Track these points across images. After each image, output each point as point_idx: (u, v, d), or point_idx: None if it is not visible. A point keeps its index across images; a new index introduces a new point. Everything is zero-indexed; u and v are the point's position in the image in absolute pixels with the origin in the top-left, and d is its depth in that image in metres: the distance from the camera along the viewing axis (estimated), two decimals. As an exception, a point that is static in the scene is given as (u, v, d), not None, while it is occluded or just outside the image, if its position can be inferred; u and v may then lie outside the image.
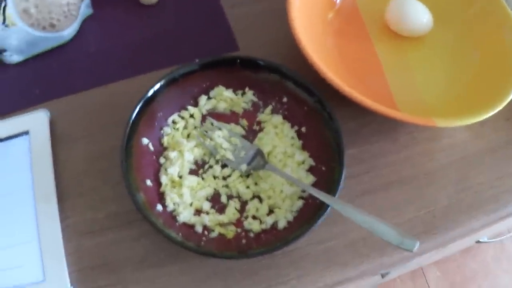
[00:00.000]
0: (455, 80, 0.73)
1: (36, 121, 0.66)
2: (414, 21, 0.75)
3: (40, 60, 0.72)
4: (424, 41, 0.77)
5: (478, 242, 1.49)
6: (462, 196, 0.67)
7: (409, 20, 0.74)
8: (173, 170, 0.63)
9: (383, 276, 1.27)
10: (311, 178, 0.64)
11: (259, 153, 0.64)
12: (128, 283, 0.59)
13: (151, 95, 0.64)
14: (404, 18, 0.75)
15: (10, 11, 0.66)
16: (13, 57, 0.70)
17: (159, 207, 0.60)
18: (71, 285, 0.58)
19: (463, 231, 0.66)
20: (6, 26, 0.66)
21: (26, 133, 0.65)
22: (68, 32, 0.72)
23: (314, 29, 0.72)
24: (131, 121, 0.61)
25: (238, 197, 0.63)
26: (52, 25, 0.69)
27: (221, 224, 0.61)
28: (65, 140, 0.67)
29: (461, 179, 0.69)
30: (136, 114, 0.62)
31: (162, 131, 0.66)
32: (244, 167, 0.64)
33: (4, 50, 0.69)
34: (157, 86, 0.64)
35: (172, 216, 0.61)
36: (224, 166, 0.65)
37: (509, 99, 0.65)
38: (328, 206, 0.57)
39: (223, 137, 0.66)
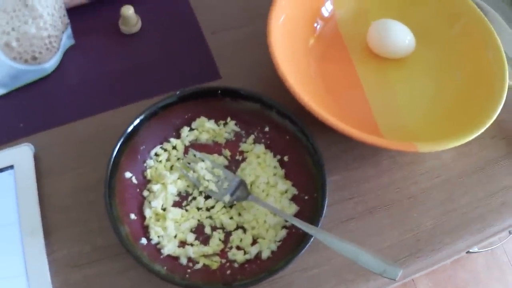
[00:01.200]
0: (437, 101, 0.73)
1: (21, 155, 0.66)
2: (396, 43, 0.75)
3: (23, 93, 0.72)
4: (406, 62, 0.77)
5: (468, 252, 1.50)
6: (446, 218, 0.68)
7: (391, 42, 0.74)
8: (156, 203, 0.63)
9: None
10: (294, 207, 0.64)
11: (242, 183, 0.65)
12: (114, 316, 0.59)
13: (132, 130, 0.64)
14: (386, 40, 0.75)
15: (-9, 45, 0.66)
16: (-4, 91, 0.71)
17: (144, 240, 0.61)
18: (59, 319, 0.58)
19: (448, 253, 0.67)
20: (-12, 60, 0.67)
21: (11, 167, 0.65)
22: (50, 64, 0.72)
23: (296, 55, 0.72)
24: (112, 158, 0.61)
25: (222, 228, 0.64)
26: (34, 58, 0.69)
27: (206, 256, 0.62)
28: (50, 173, 0.67)
29: (446, 200, 0.69)
30: (118, 149, 0.62)
31: (145, 164, 0.66)
32: (227, 198, 0.64)
33: (-13, 84, 0.69)
34: (137, 121, 0.64)
35: (156, 249, 0.61)
36: (207, 197, 0.65)
37: (492, 120, 0.66)
38: (311, 235, 0.58)
39: (206, 169, 0.66)
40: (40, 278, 0.60)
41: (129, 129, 0.64)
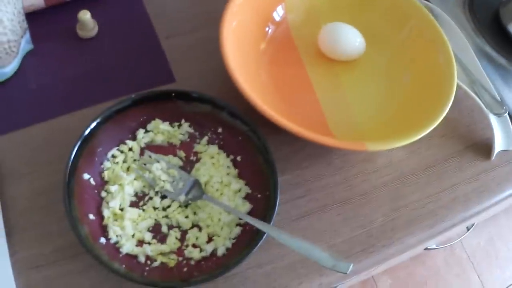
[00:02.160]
0: (387, 102, 0.75)
1: (-21, 160, 0.67)
2: (346, 45, 0.77)
3: (-19, 97, 0.73)
4: (357, 64, 0.79)
5: (427, 249, 1.51)
6: (398, 214, 0.70)
7: (341, 45, 0.76)
8: (114, 204, 0.64)
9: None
10: (247, 206, 0.66)
11: (196, 183, 0.66)
12: (75, 315, 0.61)
13: (89, 133, 0.65)
14: (336, 42, 0.77)
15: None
16: (-46, 96, 0.71)
17: (103, 239, 0.62)
18: (20, 321, 0.59)
19: (400, 248, 0.69)
20: None
21: (-30, 171, 0.67)
22: (10, 68, 0.73)
23: (247, 59, 0.74)
24: (70, 160, 0.63)
25: (178, 226, 0.65)
26: (-7, 63, 0.70)
27: (163, 254, 0.63)
28: (10, 176, 0.68)
29: (397, 197, 0.71)
30: (76, 152, 0.63)
31: (102, 166, 0.67)
32: (182, 197, 0.66)
33: None
34: (94, 124, 0.65)
35: (115, 248, 0.62)
36: (163, 197, 0.67)
37: (440, 120, 0.68)
38: (264, 232, 0.60)
39: (161, 169, 0.67)
40: (4, 278, 0.61)
41: (86, 132, 0.65)
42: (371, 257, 0.67)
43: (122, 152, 0.69)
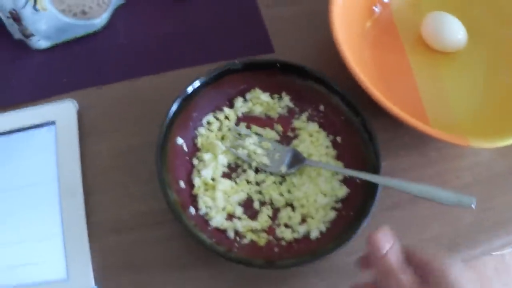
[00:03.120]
0: (488, 99, 0.73)
1: (63, 112, 0.64)
2: (449, 36, 0.75)
3: (68, 48, 0.70)
4: (458, 57, 0.77)
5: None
6: (486, 215, 0.68)
7: (445, 35, 0.74)
8: (206, 173, 0.61)
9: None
10: (344, 190, 0.63)
11: (294, 151, 0.64)
12: (154, 285, 0.58)
13: (189, 94, 0.63)
14: (440, 32, 0.74)
15: (42, -5, 0.64)
16: (40, 43, 0.68)
17: (192, 209, 0.59)
18: (95, 284, 0.56)
19: (484, 250, 0.67)
20: (37, 10, 0.64)
21: (53, 123, 0.63)
22: (99, 20, 0.70)
23: (353, 37, 0.71)
24: (168, 119, 0.60)
25: (271, 203, 0.63)
26: (84, 12, 0.67)
27: (253, 231, 0.60)
28: (93, 133, 0.65)
29: (486, 198, 0.69)
30: (172, 114, 0.61)
31: (196, 132, 0.65)
32: (284, 168, 0.63)
33: (32, 35, 0.67)
34: (196, 84, 0.63)
35: (204, 220, 0.60)
36: (257, 171, 0.64)
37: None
38: (362, 219, 0.57)
39: (254, 144, 0.65)
40: (77, 241, 0.58)
41: (187, 92, 0.62)
42: (456, 256, 0.65)
43: (217, 119, 0.66)
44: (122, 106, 0.67)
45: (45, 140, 0.63)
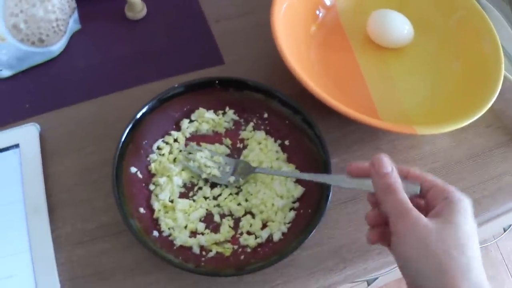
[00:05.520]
0: (436, 89, 0.75)
1: (27, 135, 0.67)
2: (395, 32, 0.77)
3: (29, 74, 0.73)
4: (405, 51, 0.79)
5: None
6: (442, 202, 0.69)
7: (390, 32, 0.76)
8: (164, 196, 0.64)
9: (369, 284, 1.29)
10: (299, 189, 0.65)
11: (243, 162, 0.66)
12: (119, 291, 0.60)
13: (133, 125, 0.65)
14: (385, 29, 0.77)
15: (-1, 26, 0.68)
16: (2, 72, 0.72)
17: (155, 233, 0.61)
18: (63, 293, 0.59)
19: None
20: (-4, 41, 0.68)
21: (17, 146, 0.66)
22: (57, 47, 0.74)
23: (298, 42, 0.74)
24: (117, 154, 0.62)
25: (231, 214, 0.65)
26: (41, 40, 0.71)
27: (218, 243, 0.62)
28: (56, 153, 0.68)
29: (443, 185, 0.70)
30: (121, 146, 0.63)
31: (148, 159, 0.67)
32: (232, 178, 0.65)
33: (-6, 66, 0.70)
34: (141, 112, 0.65)
35: (169, 241, 0.62)
36: (213, 186, 0.66)
37: (487, 107, 0.67)
38: (319, 216, 0.59)
39: (206, 157, 0.67)
40: (44, 254, 0.61)
41: (133, 122, 0.65)
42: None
43: (167, 143, 0.69)
44: (82, 126, 0.70)
45: (10, 163, 0.66)
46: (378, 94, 0.74)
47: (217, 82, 0.69)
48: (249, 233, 0.63)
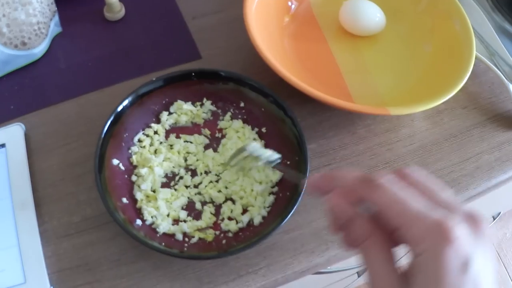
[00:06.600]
0: (408, 72, 0.77)
1: (12, 134, 0.69)
2: (367, 20, 0.78)
3: (13, 77, 0.75)
4: (378, 39, 0.81)
5: None
6: (423, 182, 0.70)
7: (362, 20, 0.78)
8: (146, 186, 0.65)
9: (359, 275, 1.29)
10: (278, 174, 0.67)
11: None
12: (104, 280, 0.61)
13: (114, 119, 0.67)
14: (357, 18, 0.78)
15: (-18, 31, 0.70)
16: (-13, 76, 0.74)
17: (139, 221, 0.63)
18: (51, 285, 0.60)
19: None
20: (-21, 46, 0.70)
21: (3, 146, 0.68)
22: (39, 49, 0.75)
23: (271, 33, 0.76)
24: (99, 144, 0.64)
25: (212, 202, 0.66)
26: (24, 43, 0.73)
27: (200, 229, 0.64)
28: (41, 150, 0.70)
29: (420, 166, 0.71)
30: (103, 139, 0.65)
31: (130, 151, 0.69)
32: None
33: (-22, 69, 0.72)
34: (120, 107, 0.67)
35: (152, 229, 0.63)
36: (194, 175, 0.68)
37: (460, 85, 0.69)
38: (298, 197, 0.61)
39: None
40: (32, 248, 0.62)
41: (113, 116, 0.66)
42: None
43: (148, 136, 0.70)
44: (65, 124, 0.72)
45: (-3, 162, 0.68)
46: (353, 81, 0.76)
47: (193, 74, 0.70)
48: (230, 218, 0.65)
